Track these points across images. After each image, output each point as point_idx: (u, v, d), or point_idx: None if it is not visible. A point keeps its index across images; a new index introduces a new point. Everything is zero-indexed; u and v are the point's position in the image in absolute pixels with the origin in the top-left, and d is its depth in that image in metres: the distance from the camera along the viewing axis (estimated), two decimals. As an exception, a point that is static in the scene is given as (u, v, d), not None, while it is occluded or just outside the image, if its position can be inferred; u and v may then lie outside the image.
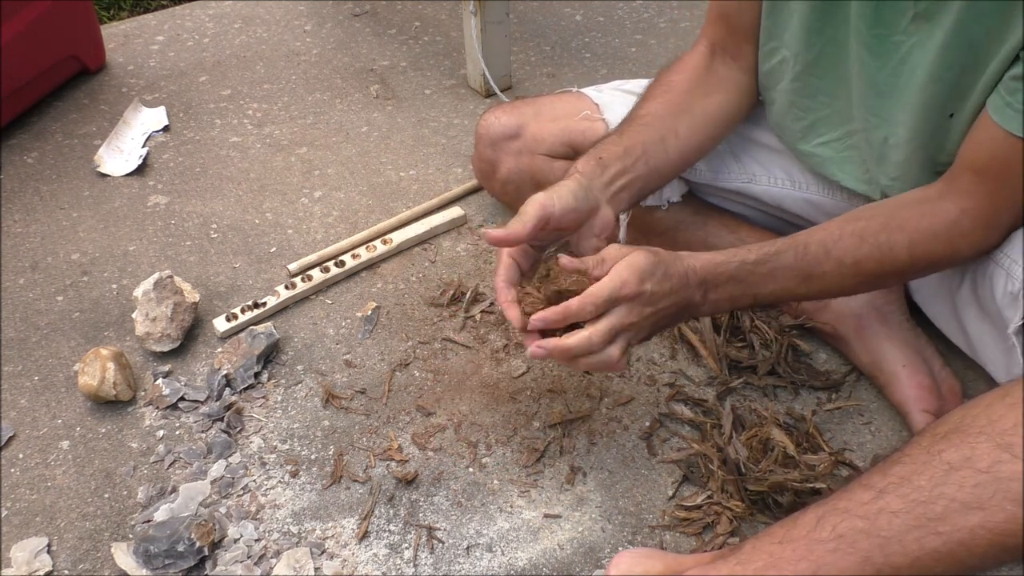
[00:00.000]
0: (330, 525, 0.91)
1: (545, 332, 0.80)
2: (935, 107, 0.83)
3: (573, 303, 0.78)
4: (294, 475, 0.95)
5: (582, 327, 0.78)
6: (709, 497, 0.90)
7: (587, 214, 0.86)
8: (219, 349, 1.09)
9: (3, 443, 1.00)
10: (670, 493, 0.92)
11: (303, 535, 0.90)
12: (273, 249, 1.26)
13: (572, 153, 1.12)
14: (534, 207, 0.81)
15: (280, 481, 0.95)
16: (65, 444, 1.00)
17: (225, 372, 1.04)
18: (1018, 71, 0.73)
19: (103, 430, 1.01)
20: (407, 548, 0.88)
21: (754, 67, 1.01)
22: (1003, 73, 0.75)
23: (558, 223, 0.83)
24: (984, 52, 0.75)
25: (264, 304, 1.14)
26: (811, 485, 0.88)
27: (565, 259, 0.80)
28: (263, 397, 1.04)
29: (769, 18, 0.95)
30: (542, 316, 0.79)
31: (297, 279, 1.17)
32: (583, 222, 0.86)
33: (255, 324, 1.11)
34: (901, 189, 0.92)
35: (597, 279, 0.78)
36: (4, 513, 0.93)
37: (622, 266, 0.77)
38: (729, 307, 0.85)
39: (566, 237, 0.87)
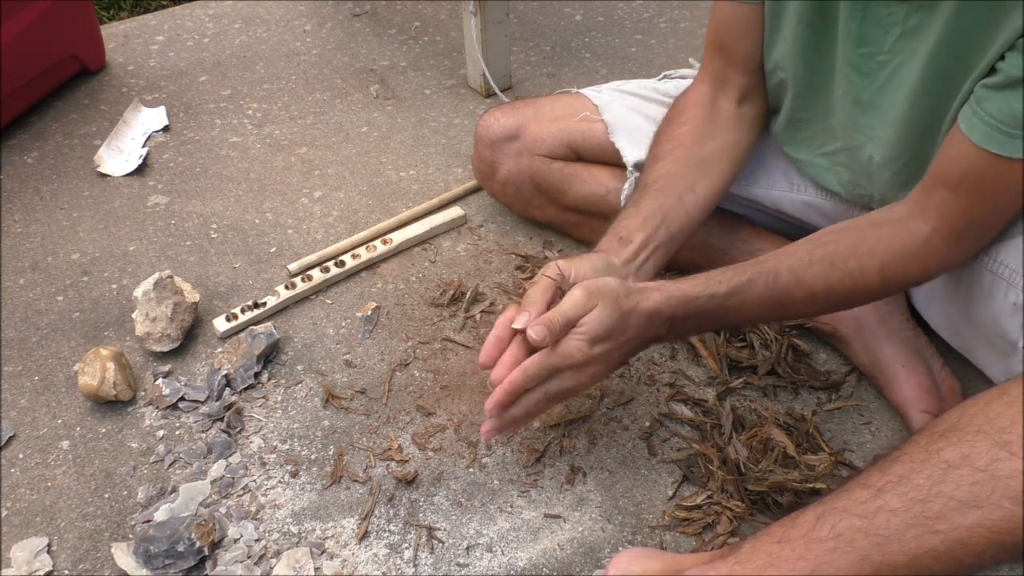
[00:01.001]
0: (330, 525, 0.91)
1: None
2: (921, 125, 0.83)
3: (516, 379, 0.77)
4: (294, 475, 0.95)
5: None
6: (709, 497, 0.90)
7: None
8: (219, 349, 1.09)
9: (3, 443, 1.00)
10: (670, 493, 0.92)
11: (303, 535, 0.90)
12: (273, 249, 1.26)
13: (571, 154, 1.13)
14: (542, 286, 0.81)
15: (280, 481, 0.95)
16: (65, 444, 1.00)
17: (225, 372, 1.04)
18: (990, 80, 0.72)
19: (103, 430, 1.01)
20: (407, 548, 0.88)
21: (756, 95, 1.01)
22: None
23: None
24: (967, 66, 0.75)
25: (264, 304, 1.14)
26: (811, 485, 0.88)
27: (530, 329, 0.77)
28: (263, 397, 1.04)
29: (769, 39, 0.95)
30: (492, 400, 0.78)
31: (297, 279, 1.17)
32: None
33: (255, 324, 1.11)
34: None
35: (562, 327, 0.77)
36: (4, 513, 0.93)
37: (575, 335, 0.76)
38: (695, 334, 0.86)
39: None
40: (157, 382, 1.05)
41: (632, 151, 1.07)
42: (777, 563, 0.62)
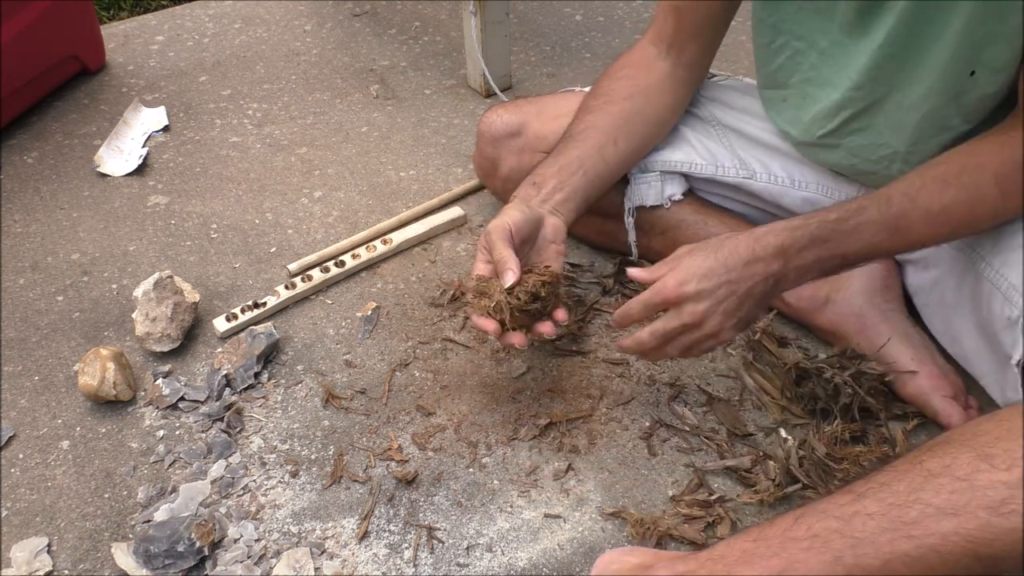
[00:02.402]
0: (330, 525, 0.91)
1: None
2: (958, 64, 0.83)
3: (621, 313, 0.87)
4: (294, 475, 0.95)
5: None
6: (719, 498, 0.90)
7: (535, 226, 0.93)
8: (219, 349, 1.09)
9: (3, 443, 1.00)
10: (670, 493, 0.92)
11: (303, 535, 0.90)
12: (273, 249, 1.26)
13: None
14: (499, 235, 0.88)
15: (280, 481, 0.95)
16: (65, 444, 1.00)
17: (225, 372, 1.04)
18: None
19: (103, 430, 1.01)
20: (407, 548, 0.88)
21: (698, 65, 1.04)
22: None
23: (520, 237, 0.90)
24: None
25: (264, 304, 1.14)
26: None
27: (634, 271, 0.88)
28: (263, 397, 1.04)
29: (771, 15, 0.95)
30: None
31: (297, 279, 1.17)
32: (536, 234, 0.93)
33: (255, 324, 1.11)
34: (920, 158, 0.91)
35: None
36: (4, 513, 0.93)
37: (668, 274, 0.83)
38: (818, 271, 0.84)
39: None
40: (157, 382, 1.05)
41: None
42: (750, 560, 0.62)
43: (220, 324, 1.11)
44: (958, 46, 0.82)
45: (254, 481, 0.95)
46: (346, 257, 1.20)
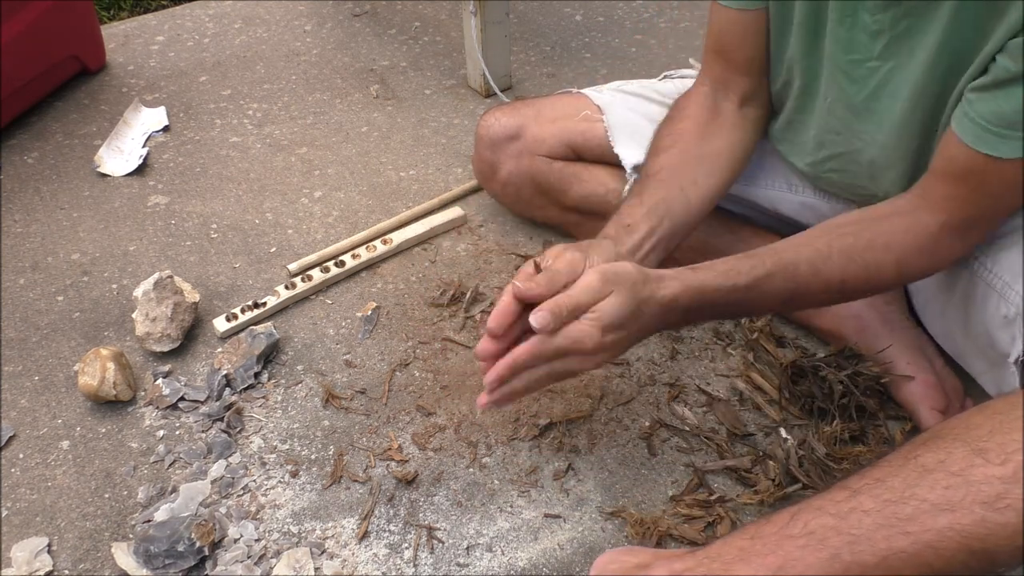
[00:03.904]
0: (330, 525, 0.91)
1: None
2: (920, 126, 0.84)
3: (521, 355, 0.74)
4: (294, 475, 0.95)
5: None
6: (720, 498, 0.90)
7: None
8: (219, 349, 1.09)
9: (3, 443, 1.00)
10: (670, 493, 0.92)
11: (303, 535, 0.90)
12: (273, 249, 1.26)
13: (572, 154, 1.13)
14: (563, 264, 0.78)
15: (280, 481, 0.95)
16: (65, 444, 1.00)
17: (225, 372, 1.04)
18: (980, 82, 0.74)
19: (103, 430, 1.01)
20: (407, 548, 0.88)
21: (758, 98, 1.00)
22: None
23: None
24: (963, 67, 0.76)
25: (264, 304, 1.14)
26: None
27: (542, 313, 0.73)
28: (263, 397, 1.04)
29: (774, 45, 0.95)
30: (493, 373, 0.76)
31: (297, 279, 1.17)
32: None
33: (255, 324, 1.11)
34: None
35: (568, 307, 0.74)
36: (4, 513, 0.93)
37: (587, 321, 0.74)
38: (707, 323, 0.86)
39: None
40: (157, 382, 1.05)
41: (632, 154, 1.07)
42: (747, 558, 0.62)
43: (220, 324, 1.11)
44: (918, 107, 0.83)
45: (254, 481, 0.95)
46: (346, 257, 1.20)
